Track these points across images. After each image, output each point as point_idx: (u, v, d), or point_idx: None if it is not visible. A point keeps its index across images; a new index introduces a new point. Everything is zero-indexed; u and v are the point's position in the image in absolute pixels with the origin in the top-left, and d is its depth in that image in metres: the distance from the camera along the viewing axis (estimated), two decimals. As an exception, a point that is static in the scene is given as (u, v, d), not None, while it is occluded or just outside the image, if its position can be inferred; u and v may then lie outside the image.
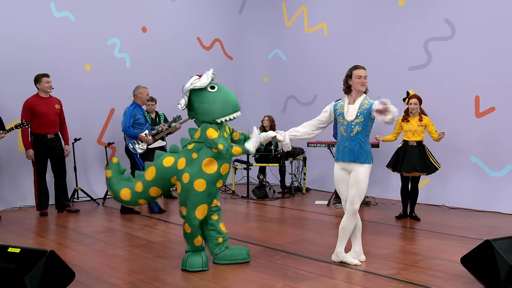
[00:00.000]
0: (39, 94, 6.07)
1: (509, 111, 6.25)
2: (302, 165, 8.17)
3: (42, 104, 6.01)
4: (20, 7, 6.65)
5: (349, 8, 8.21)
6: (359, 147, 3.72)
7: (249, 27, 9.72)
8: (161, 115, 7.34)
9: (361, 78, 3.77)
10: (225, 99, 3.60)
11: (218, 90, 3.63)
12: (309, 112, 9.17)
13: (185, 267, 3.67)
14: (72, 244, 4.60)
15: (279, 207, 6.91)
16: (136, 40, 7.99)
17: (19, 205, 6.55)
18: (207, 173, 3.55)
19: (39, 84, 6.04)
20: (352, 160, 3.74)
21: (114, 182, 3.75)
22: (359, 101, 3.77)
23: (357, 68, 3.82)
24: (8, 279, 2.77)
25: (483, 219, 5.83)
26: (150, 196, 3.76)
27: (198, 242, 3.71)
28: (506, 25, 6.26)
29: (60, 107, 6.23)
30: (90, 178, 7.37)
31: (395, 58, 7.42)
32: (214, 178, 3.59)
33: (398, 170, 5.71)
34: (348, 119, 3.77)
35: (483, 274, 3.21)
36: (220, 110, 3.57)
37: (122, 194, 3.71)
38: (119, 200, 3.79)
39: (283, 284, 3.37)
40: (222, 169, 3.60)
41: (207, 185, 3.55)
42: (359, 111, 3.74)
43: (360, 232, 3.92)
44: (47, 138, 6.04)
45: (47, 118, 6.01)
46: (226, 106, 3.59)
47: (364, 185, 3.72)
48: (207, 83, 3.60)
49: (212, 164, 3.56)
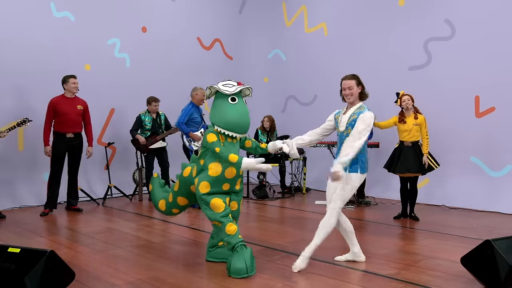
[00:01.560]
0: (65, 94, 6.22)
1: (509, 111, 6.25)
2: (302, 165, 8.17)
3: (65, 103, 6.14)
4: (20, 7, 6.65)
5: (349, 8, 8.21)
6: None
7: (249, 27, 9.73)
8: (162, 115, 7.35)
9: (345, 90, 3.75)
10: (234, 116, 3.60)
11: (235, 105, 3.63)
12: (309, 112, 9.26)
13: (230, 274, 3.48)
14: (72, 244, 4.60)
15: (279, 207, 6.91)
16: (136, 40, 7.99)
17: (19, 205, 6.55)
18: (212, 176, 3.62)
19: (66, 85, 6.17)
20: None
21: (155, 194, 4.19)
22: (351, 111, 3.73)
23: (343, 79, 3.81)
24: (8, 279, 2.77)
25: (483, 219, 5.83)
26: (180, 206, 4.08)
27: (231, 231, 3.51)
28: (506, 25, 6.26)
29: (83, 108, 6.31)
30: (90, 178, 7.37)
31: (395, 58, 7.42)
32: (218, 181, 3.62)
33: (393, 171, 5.72)
34: (340, 129, 3.77)
35: (483, 274, 3.21)
36: (223, 122, 3.60)
37: (160, 205, 4.15)
38: (159, 211, 4.20)
39: (283, 284, 3.37)
40: (227, 172, 3.63)
41: (211, 188, 3.62)
42: (348, 122, 3.70)
43: (353, 234, 3.90)
44: (66, 137, 6.14)
45: (67, 118, 6.11)
46: (230, 122, 3.59)
47: (349, 190, 3.65)
48: (230, 92, 3.60)
49: (217, 167, 3.62)
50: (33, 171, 6.79)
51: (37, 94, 6.69)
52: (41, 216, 5.99)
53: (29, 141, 6.70)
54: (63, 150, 6.17)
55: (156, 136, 7.13)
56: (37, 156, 6.74)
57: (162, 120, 7.31)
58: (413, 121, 5.61)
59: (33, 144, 6.66)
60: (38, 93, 6.68)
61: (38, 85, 6.74)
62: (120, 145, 7.65)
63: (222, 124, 3.60)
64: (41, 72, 6.78)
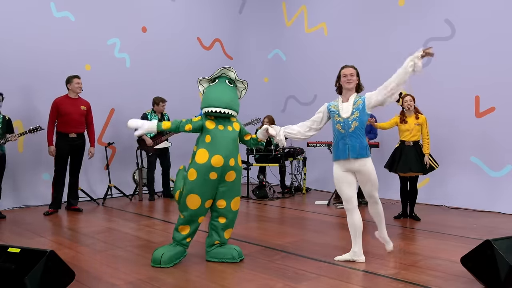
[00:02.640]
0: (69, 94, 6.24)
1: (509, 111, 6.25)
2: (302, 165, 8.17)
3: (68, 103, 6.16)
4: (20, 7, 6.65)
5: (349, 8, 8.21)
6: (360, 142, 3.77)
7: (249, 27, 9.73)
8: (165, 115, 7.38)
9: (347, 76, 3.86)
10: (213, 92, 3.76)
11: (215, 84, 3.82)
12: (309, 112, 9.12)
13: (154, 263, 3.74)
14: (72, 244, 4.60)
15: (279, 207, 6.91)
16: (136, 40, 8.00)
17: (19, 205, 6.55)
18: (198, 163, 3.68)
19: (70, 85, 6.20)
20: (356, 156, 3.76)
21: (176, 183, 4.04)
22: (352, 99, 3.86)
23: (344, 67, 3.95)
24: (8, 279, 2.77)
25: (483, 219, 5.83)
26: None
27: (183, 230, 3.80)
28: (506, 25, 6.26)
29: (86, 109, 6.33)
30: (90, 178, 7.37)
31: (395, 58, 7.36)
32: (205, 168, 3.66)
33: (394, 170, 5.72)
34: (344, 116, 3.81)
35: (483, 274, 3.21)
36: (204, 102, 3.77)
37: (176, 195, 4.03)
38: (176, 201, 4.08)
39: (283, 284, 3.37)
40: (213, 160, 3.66)
41: (197, 175, 3.66)
42: (354, 107, 3.82)
43: (361, 233, 3.91)
44: (69, 137, 6.16)
45: (70, 118, 6.13)
46: (209, 98, 3.74)
47: (375, 176, 3.86)
48: (210, 77, 3.83)
49: (203, 154, 3.69)
50: (34, 171, 6.79)
51: (36, 94, 6.69)
52: (44, 215, 6.01)
53: (30, 141, 6.70)
54: (66, 150, 6.18)
55: (161, 136, 7.17)
56: (38, 156, 6.75)
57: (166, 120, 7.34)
58: (415, 121, 5.61)
59: (33, 144, 6.67)
60: (38, 94, 6.68)
61: (38, 86, 6.74)
62: (120, 145, 7.66)
63: (204, 103, 3.75)
64: (41, 73, 6.78)
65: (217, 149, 3.68)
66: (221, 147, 3.70)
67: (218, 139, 3.71)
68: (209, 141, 3.70)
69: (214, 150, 3.68)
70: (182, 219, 3.80)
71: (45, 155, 6.39)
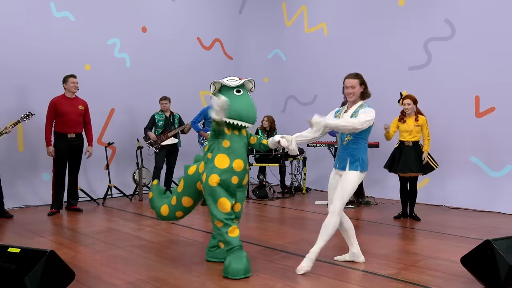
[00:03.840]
0: (65, 94, 6.22)
1: (509, 111, 6.25)
2: (302, 165, 8.17)
3: (65, 103, 6.13)
4: (20, 7, 6.65)
5: (349, 8, 8.21)
6: (350, 156, 3.67)
7: (249, 27, 9.72)
8: (176, 115, 7.40)
9: (348, 89, 3.76)
10: (241, 105, 3.64)
11: (241, 96, 3.70)
12: (309, 112, 9.16)
13: (227, 275, 3.46)
14: (72, 244, 4.60)
15: (279, 207, 6.91)
16: (136, 40, 7.99)
17: (19, 205, 6.55)
18: (220, 168, 3.59)
19: (66, 85, 6.17)
20: (341, 168, 3.71)
21: (155, 201, 4.08)
22: (353, 109, 3.74)
23: (346, 77, 3.82)
24: (8, 279, 2.77)
25: (483, 219, 5.83)
26: (184, 207, 3.98)
27: (234, 233, 3.55)
28: (506, 25, 6.26)
29: (84, 109, 6.31)
30: (90, 178, 7.37)
31: (395, 58, 7.42)
32: (227, 173, 3.59)
33: (394, 170, 5.71)
34: None
35: (483, 274, 3.21)
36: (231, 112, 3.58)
37: (162, 210, 4.03)
38: (161, 217, 4.09)
39: (283, 284, 3.37)
40: (235, 164, 3.61)
41: (220, 180, 3.58)
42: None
43: (354, 235, 3.89)
44: (68, 137, 6.14)
45: (68, 118, 6.10)
46: (238, 112, 3.61)
47: (348, 190, 3.63)
48: (234, 85, 3.70)
49: (224, 159, 3.61)
50: (33, 171, 6.79)
51: (37, 94, 6.68)
52: (48, 215, 6.02)
53: (29, 141, 6.70)
54: (65, 151, 6.16)
55: (168, 132, 7.21)
56: (37, 156, 6.75)
57: (176, 119, 7.38)
58: (414, 122, 5.60)
59: (33, 144, 6.67)
60: (38, 93, 6.67)
61: (38, 85, 6.73)
62: (120, 145, 7.65)
63: (231, 114, 3.57)
64: (41, 72, 6.78)
65: (236, 154, 3.64)
66: (239, 152, 3.66)
67: (235, 143, 3.66)
68: (228, 146, 3.63)
69: (235, 155, 3.62)
70: (223, 225, 3.55)
71: (45, 155, 6.38)
